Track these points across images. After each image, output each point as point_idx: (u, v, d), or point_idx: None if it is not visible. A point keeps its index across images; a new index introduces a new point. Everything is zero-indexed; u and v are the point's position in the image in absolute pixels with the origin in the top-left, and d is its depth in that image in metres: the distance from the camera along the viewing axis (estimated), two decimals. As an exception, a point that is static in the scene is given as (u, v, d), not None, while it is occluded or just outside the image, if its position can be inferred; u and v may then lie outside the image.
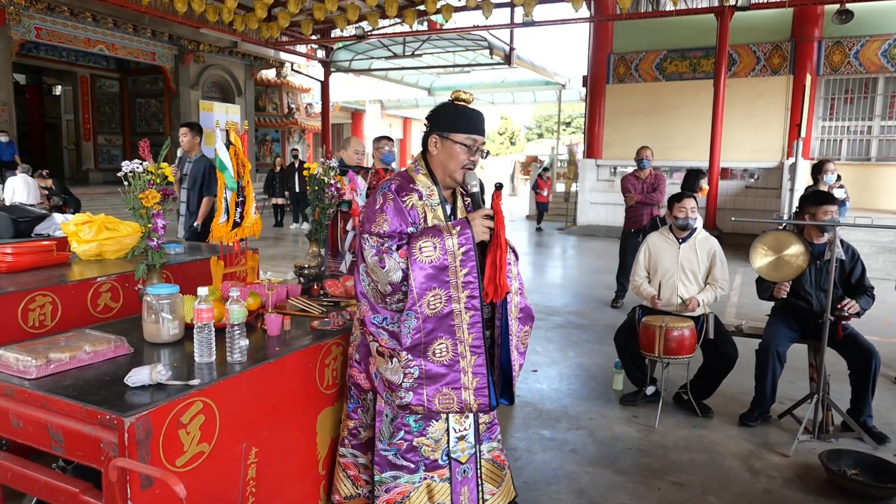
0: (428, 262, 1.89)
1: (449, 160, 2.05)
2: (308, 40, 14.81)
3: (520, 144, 39.42)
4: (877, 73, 12.25)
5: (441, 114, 2.07)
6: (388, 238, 1.96)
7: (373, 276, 1.96)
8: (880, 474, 3.01)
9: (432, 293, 1.90)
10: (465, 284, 1.91)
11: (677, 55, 13.63)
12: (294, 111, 19.45)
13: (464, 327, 1.92)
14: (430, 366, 1.92)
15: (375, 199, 2.04)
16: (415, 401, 1.94)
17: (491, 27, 12.91)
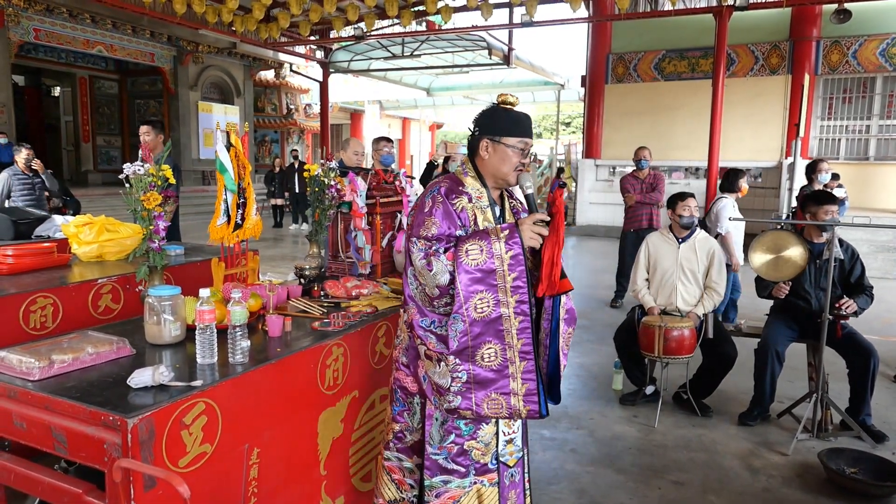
0: (474, 266, 1.89)
1: (502, 163, 2.07)
2: (307, 41, 14.82)
3: (519, 144, 39.43)
4: (875, 73, 12.27)
5: (492, 118, 2.09)
6: (435, 241, 1.96)
7: (420, 280, 1.98)
8: (879, 473, 3.03)
9: (479, 296, 1.89)
10: (515, 289, 1.90)
11: (676, 55, 13.65)
12: (293, 112, 19.47)
13: (513, 332, 1.92)
14: (479, 370, 1.92)
15: (424, 203, 2.05)
16: (464, 405, 1.94)
17: (489, 27, 12.91)
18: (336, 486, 2.44)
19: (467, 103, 25.40)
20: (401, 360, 2.18)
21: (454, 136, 41.25)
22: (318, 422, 2.32)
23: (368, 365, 2.62)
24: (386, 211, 3.49)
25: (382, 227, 3.50)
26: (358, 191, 3.33)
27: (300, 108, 19.89)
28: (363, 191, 3.35)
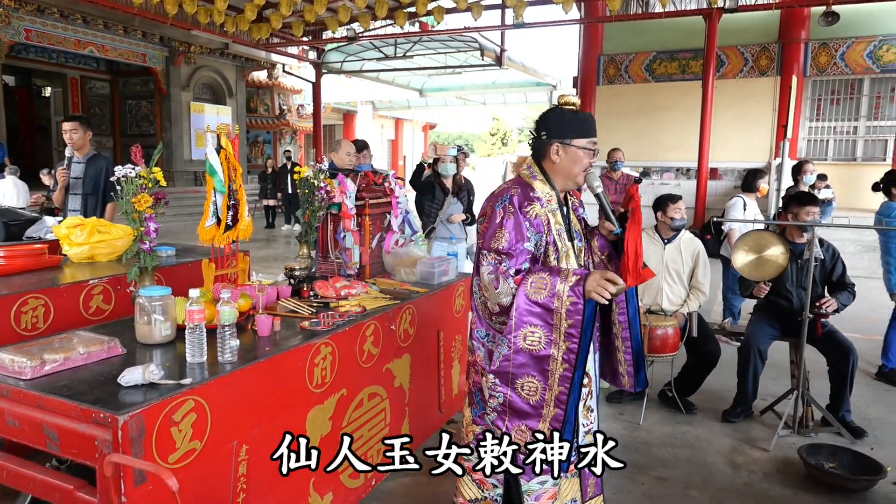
0: (534, 298, 1.90)
1: (573, 166, 2.09)
2: (299, 42, 14.84)
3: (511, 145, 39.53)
4: (862, 75, 12.40)
5: (560, 122, 2.09)
6: (505, 255, 1.97)
7: (485, 293, 2.01)
8: (857, 468, 3.10)
9: (531, 328, 1.90)
10: (568, 336, 1.89)
11: (666, 56, 13.75)
12: (285, 112, 19.47)
13: (556, 376, 1.91)
14: (516, 399, 1.94)
15: (494, 213, 2.04)
16: (498, 422, 1.98)
17: (482, 29, 12.98)
18: (325, 482, 2.49)
19: (460, 104, 25.47)
20: (480, 364, 2.16)
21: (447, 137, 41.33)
22: (306, 419, 2.37)
23: (356, 364, 2.67)
24: (375, 212, 3.54)
25: (372, 228, 3.55)
26: (347, 192, 3.37)
27: (293, 109, 19.90)
28: (352, 192, 3.40)
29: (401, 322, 3.00)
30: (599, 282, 1.87)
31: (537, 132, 2.13)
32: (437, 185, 4.97)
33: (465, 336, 3.84)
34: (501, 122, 40.70)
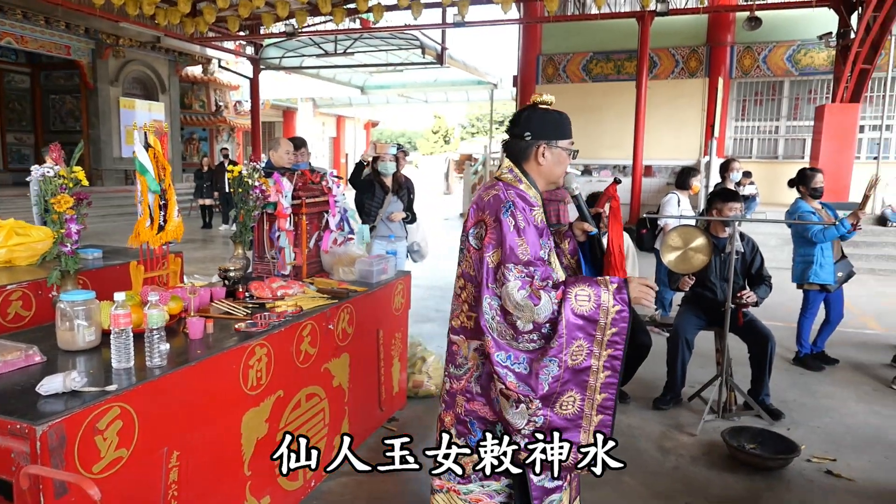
0: (580, 312, 1.81)
1: (557, 167, 2.02)
2: (236, 37, 14.45)
3: (454, 143, 39.74)
4: (783, 77, 13.11)
5: (545, 122, 2.01)
6: (532, 267, 1.84)
7: (515, 312, 1.82)
8: (775, 447, 3.30)
9: (577, 344, 1.82)
10: (611, 343, 1.84)
11: (602, 57, 14.13)
12: (222, 109, 18.93)
13: (597, 386, 1.86)
14: (554, 417, 1.86)
15: (503, 222, 1.86)
16: (527, 448, 1.88)
17: (422, 27, 12.99)
18: (261, 486, 2.46)
19: (402, 102, 25.40)
20: (473, 390, 2.00)
21: (390, 135, 41.17)
22: (241, 422, 2.33)
23: (293, 364, 2.65)
24: (312, 211, 3.51)
25: (309, 228, 3.51)
26: (283, 191, 3.33)
27: (230, 105, 19.36)
28: (289, 191, 3.36)
29: (339, 321, 2.99)
30: (641, 288, 1.87)
31: (519, 133, 2.01)
32: (376, 184, 4.95)
33: (405, 334, 3.86)
34: (444, 120, 40.85)
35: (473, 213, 1.98)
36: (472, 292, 1.95)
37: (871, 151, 12.41)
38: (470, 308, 1.97)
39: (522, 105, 14.36)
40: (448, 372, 2.07)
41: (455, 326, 2.04)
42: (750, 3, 10.82)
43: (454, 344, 2.04)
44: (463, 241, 2.02)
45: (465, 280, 1.99)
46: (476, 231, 1.95)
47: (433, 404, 4.02)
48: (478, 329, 1.91)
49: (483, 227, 1.92)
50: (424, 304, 6.65)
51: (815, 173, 4.74)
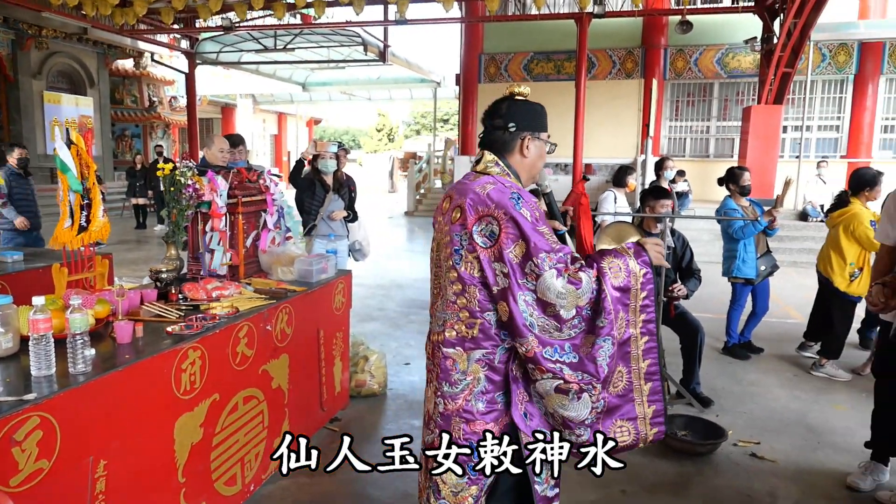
0: (618, 284, 1.76)
1: (540, 159, 1.96)
2: (170, 30, 13.92)
3: (398, 141, 39.61)
4: (713, 79, 13.69)
5: (529, 113, 1.92)
6: (560, 252, 1.74)
7: (557, 301, 1.70)
8: (705, 433, 3.46)
9: (621, 316, 1.77)
10: (643, 308, 1.81)
11: (543, 57, 14.39)
12: (156, 105, 18.22)
13: (638, 353, 1.83)
14: (610, 398, 1.80)
15: (520, 215, 1.73)
16: (591, 438, 1.78)
17: (365, 24, 12.88)
18: (196, 492, 2.40)
19: (345, 99, 25.13)
20: (474, 409, 1.82)
21: (333, 132, 40.66)
22: (174, 428, 2.27)
23: (229, 367, 2.59)
24: (249, 210, 3.44)
25: (246, 227, 3.44)
26: (218, 190, 3.25)
27: (164, 101, 18.65)
28: (224, 190, 3.28)
29: (277, 322, 2.94)
30: (655, 247, 1.84)
31: (501, 124, 1.90)
32: (317, 182, 4.89)
33: (347, 333, 3.83)
34: (387, 117, 40.65)
35: (470, 210, 1.78)
36: (477, 296, 1.77)
37: (793, 151, 13.13)
38: (472, 315, 1.79)
39: (464, 104, 14.38)
40: (440, 392, 1.86)
41: (449, 338, 1.83)
42: (681, 8, 11.23)
43: (448, 359, 1.83)
44: (457, 242, 1.80)
45: (464, 284, 1.79)
46: (482, 228, 1.75)
47: (376, 403, 4.01)
48: (484, 337, 1.79)
49: (494, 223, 1.74)
50: (367, 303, 6.61)
51: (742, 172, 4.97)
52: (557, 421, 1.78)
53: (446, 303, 1.85)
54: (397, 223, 14.93)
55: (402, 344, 5.27)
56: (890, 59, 12.79)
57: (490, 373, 1.82)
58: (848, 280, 4.52)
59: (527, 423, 1.81)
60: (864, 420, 3.28)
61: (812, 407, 4.07)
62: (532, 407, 1.83)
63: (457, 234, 1.81)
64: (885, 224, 2.87)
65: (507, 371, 1.82)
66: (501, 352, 1.81)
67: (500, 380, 1.82)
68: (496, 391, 1.82)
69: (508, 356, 1.82)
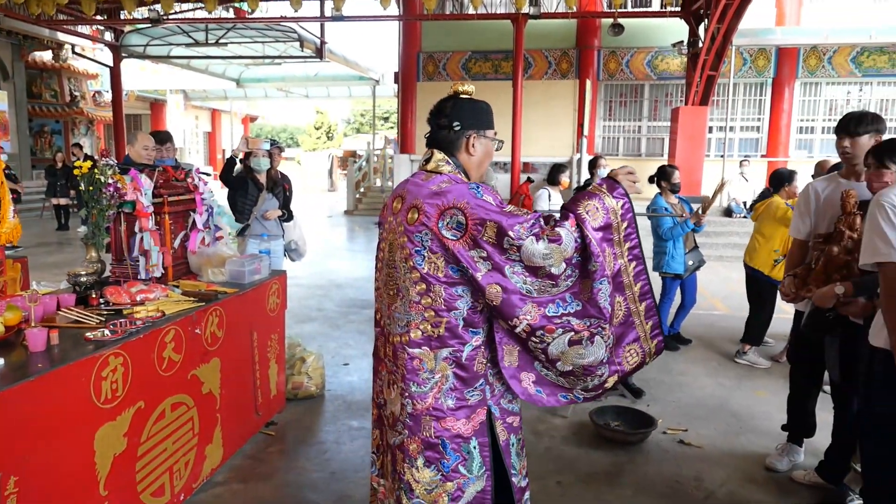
0: (598, 224, 1.79)
1: (487, 158, 1.96)
2: (92, 21, 13.25)
3: (337, 139, 39.11)
4: (643, 81, 14.17)
5: (474, 111, 1.93)
6: (531, 219, 1.76)
7: (545, 262, 1.73)
8: (636, 423, 3.58)
9: (608, 253, 1.80)
10: (627, 237, 1.85)
11: (481, 57, 14.52)
12: (78, 99, 17.30)
13: (630, 280, 1.87)
14: (614, 327, 1.86)
15: (481, 201, 1.75)
16: (611, 370, 1.86)
17: (300, 19, 12.63)
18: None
19: (281, 96, 24.61)
20: (444, 406, 1.83)
21: (270, 130, 39.74)
22: (94, 439, 2.16)
23: (155, 373, 2.49)
24: (176, 210, 3.31)
25: (174, 227, 3.32)
26: (142, 189, 3.11)
27: (87, 96, 17.74)
28: (148, 189, 3.15)
29: (207, 325, 2.85)
30: (626, 176, 1.88)
31: (447, 123, 1.90)
32: (249, 181, 4.76)
33: (282, 335, 3.76)
34: (326, 115, 40.03)
35: (430, 208, 1.77)
36: (443, 294, 1.78)
37: (718, 150, 13.74)
38: (437, 314, 1.80)
39: (403, 103, 14.35)
40: (408, 392, 1.85)
41: (414, 339, 1.82)
42: (613, 11, 11.57)
43: (415, 359, 1.83)
44: (419, 242, 1.79)
45: (429, 283, 1.78)
46: (448, 222, 1.75)
47: (314, 405, 3.95)
48: (450, 335, 1.80)
49: (458, 213, 1.74)
50: (306, 303, 6.50)
51: (673, 170, 5.17)
52: (577, 375, 1.83)
53: (409, 303, 1.83)
54: (337, 222, 14.75)
55: (340, 344, 5.20)
56: (804, 64, 13.60)
57: (457, 370, 1.83)
58: (771, 264, 4.78)
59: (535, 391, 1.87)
60: (782, 404, 3.48)
61: (735, 394, 4.28)
62: (506, 403, 1.92)
63: (417, 235, 1.79)
64: (797, 219, 3.05)
65: (476, 369, 1.84)
66: (469, 349, 1.83)
67: (468, 377, 1.84)
68: (465, 388, 1.84)
69: (476, 354, 1.84)
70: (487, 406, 1.87)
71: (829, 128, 13.72)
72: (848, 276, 2.59)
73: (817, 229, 2.93)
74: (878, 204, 2.00)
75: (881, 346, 2.06)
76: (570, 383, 1.86)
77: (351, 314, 6.16)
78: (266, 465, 3.18)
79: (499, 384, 1.90)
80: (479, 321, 1.83)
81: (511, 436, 1.92)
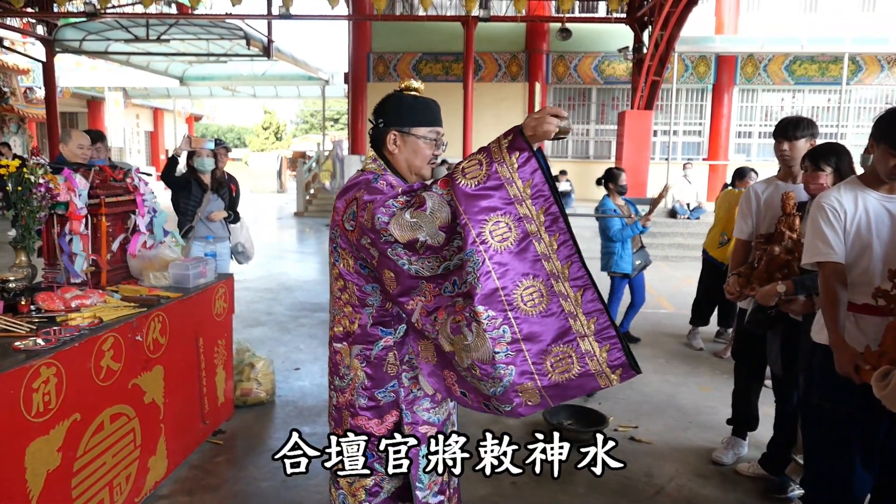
0: (475, 186, 1.53)
1: (414, 157, 1.83)
2: (21, 13, 12.58)
3: (286, 139, 38.42)
4: (591, 85, 14.48)
5: (398, 108, 1.83)
6: (395, 197, 1.64)
7: (415, 234, 1.55)
8: (588, 421, 3.63)
9: (493, 221, 1.52)
10: (536, 197, 1.53)
11: (431, 58, 14.53)
12: (7, 96, 16.40)
13: (551, 255, 1.53)
14: (522, 318, 1.52)
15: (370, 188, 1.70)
16: (523, 379, 1.53)
17: (246, 16, 12.34)
18: (55, 524, 2.16)
19: (227, 95, 23.99)
20: (357, 404, 1.82)
21: (216, 130, 38.70)
22: (25, 455, 2.03)
23: (92, 383, 2.36)
24: (115, 212, 3.16)
25: (112, 230, 3.16)
26: (76, 189, 2.95)
27: (18, 92, 16.83)
28: (83, 190, 2.99)
29: (149, 331, 2.73)
30: (537, 118, 1.57)
31: (375, 119, 1.87)
32: (193, 181, 4.60)
33: (230, 340, 3.64)
34: (274, 115, 39.28)
35: (340, 203, 1.77)
36: (356, 291, 1.77)
37: (662, 153, 14.17)
38: (353, 310, 1.79)
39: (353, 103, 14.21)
40: (333, 385, 1.89)
41: (337, 334, 1.85)
42: (561, 16, 11.77)
43: (337, 353, 1.85)
44: (334, 239, 1.80)
45: (345, 280, 1.79)
46: (348, 215, 1.72)
47: (264, 412, 3.84)
48: (362, 332, 1.79)
49: (353, 204, 1.71)
50: (255, 307, 6.33)
51: (620, 172, 5.29)
52: (477, 376, 1.59)
53: (334, 299, 1.88)
54: (286, 224, 14.47)
55: (291, 349, 5.09)
56: (742, 72, 14.17)
57: (368, 369, 1.82)
58: (717, 245, 5.06)
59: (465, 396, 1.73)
60: (725, 399, 3.59)
61: (681, 390, 4.40)
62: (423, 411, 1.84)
63: (333, 232, 1.83)
64: (740, 220, 3.15)
65: (386, 370, 1.82)
66: (378, 349, 1.81)
67: (377, 376, 1.82)
68: (375, 388, 1.82)
69: (385, 354, 1.81)
70: (400, 409, 1.83)
71: (766, 133, 14.37)
72: (789, 275, 2.69)
73: (758, 230, 3.03)
74: (819, 206, 2.08)
75: (822, 343, 2.14)
76: (482, 386, 1.62)
77: (301, 318, 6.04)
78: (213, 476, 3.07)
79: (414, 389, 1.84)
80: (390, 320, 1.80)
81: (423, 446, 1.76)
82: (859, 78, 13.81)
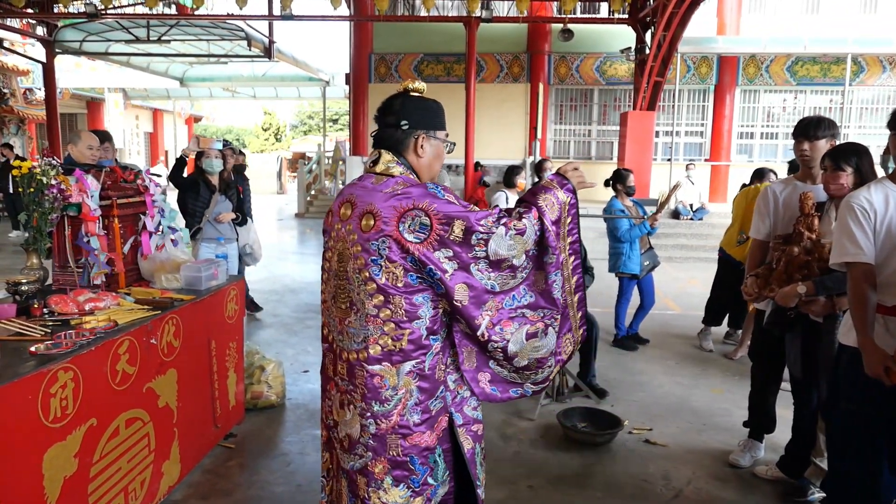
0: (553, 218, 1.81)
1: (436, 160, 1.88)
2: (22, 14, 12.52)
3: (286, 141, 38.37)
4: (593, 86, 14.44)
5: (424, 111, 1.84)
6: (493, 214, 1.74)
7: (509, 253, 1.73)
8: (602, 424, 3.59)
9: (557, 246, 1.84)
10: (570, 232, 1.87)
11: (433, 59, 14.49)
12: (7, 97, 16.35)
13: (569, 273, 1.88)
14: (564, 318, 1.89)
15: (443, 201, 1.69)
16: (556, 360, 1.89)
17: (247, 17, 12.29)
18: (71, 531, 2.12)
19: (227, 96, 23.93)
20: (410, 423, 1.75)
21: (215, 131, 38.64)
22: (42, 461, 1.99)
23: (108, 387, 2.33)
24: (126, 213, 3.13)
25: (123, 232, 3.13)
26: (88, 191, 2.93)
27: (18, 93, 16.78)
28: (95, 191, 2.96)
29: (163, 334, 2.70)
30: (575, 173, 1.90)
31: (394, 122, 1.81)
32: (201, 182, 4.57)
33: (241, 343, 3.60)
34: (274, 116, 39.23)
35: (388, 212, 1.68)
36: (403, 305, 1.69)
37: (664, 154, 14.14)
38: (398, 326, 1.70)
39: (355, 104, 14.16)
40: (371, 413, 1.74)
41: (374, 355, 1.72)
42: (563, 17, 11.74)
43: (375, 377, 1.72)
44: (374, 251, 1.69)
45: (387, 294, 1.69)
46: (410, 224, 1.66)
47: (274, 415, 3.81)
48: (414, 347, 1.72)
49: (422, 215, 1.66)
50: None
51: (628, 173, 5.26)
52: (531, 368, 1.84)
53: (366, 317, 1.72)
54: (288, 225, 14.43)
55: (299, 351, 5.05)
56: (744, 72, 14.15)
57: (421, 382, 1.76)
58: (735, 243, 4.99)
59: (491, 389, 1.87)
60: (738, 401, 3.57)
61: (693, 392, 4.37)
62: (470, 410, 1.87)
63: (373, 243, 1.69)
64: (757, 220, 3.12)
65: (437, 377, 1.78)
66: (430, 359, 1.76)
67: (430, 386, 1.77)
68: (428, 399, 1.77)
69: (436, 362, 1.77)
70: (449, 412, 1.82)
71: (768, 133, 14.36)
72: (808, 276, 2.66)
73: (776, 230, 3.00)
74: (848, 206, 2.05)
75: (850, 345, 2.11)
76: (522, 378, 1.87)
77: (307, 319, 6.00)
78: (226, 481, 3.03)
79: (460, 390, 1.84)
80: (439, 327, 1.77)
81: (476, 445, 1.87)
82: (861, 79, 13.80)
